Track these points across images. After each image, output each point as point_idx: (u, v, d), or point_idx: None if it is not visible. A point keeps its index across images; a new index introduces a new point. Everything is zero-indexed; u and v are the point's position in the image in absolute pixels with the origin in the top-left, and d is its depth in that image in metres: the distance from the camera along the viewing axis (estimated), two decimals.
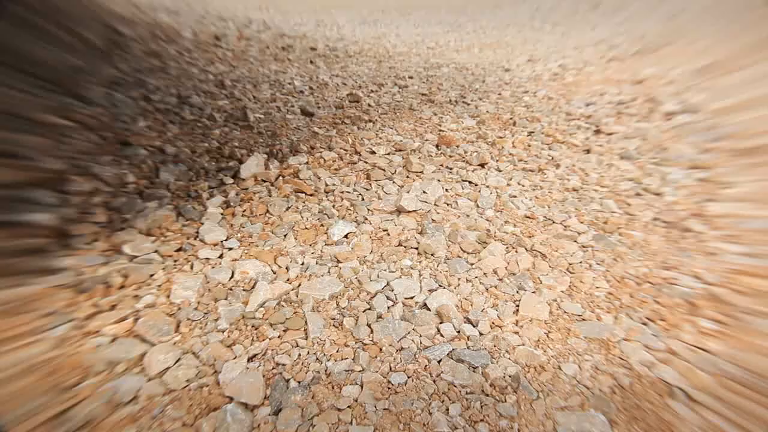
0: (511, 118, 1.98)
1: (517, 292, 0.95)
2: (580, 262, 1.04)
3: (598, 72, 2.71)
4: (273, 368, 0.75)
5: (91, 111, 1.46)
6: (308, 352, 0.78)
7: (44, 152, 1.10)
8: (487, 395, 0.72)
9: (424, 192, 1.31)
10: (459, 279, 0.98)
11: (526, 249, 1.08)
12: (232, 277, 0.94)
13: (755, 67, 1.85)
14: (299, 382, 0.72)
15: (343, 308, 0.88)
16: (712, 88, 1.91)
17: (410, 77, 2.74)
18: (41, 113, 1.12)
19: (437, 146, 1.66)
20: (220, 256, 0.99)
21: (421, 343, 0.81)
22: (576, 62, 3.05)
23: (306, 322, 0.84)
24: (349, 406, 0.68)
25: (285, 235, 1.08)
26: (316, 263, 1.00)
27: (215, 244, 1.03)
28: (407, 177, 1.42)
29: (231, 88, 2.14)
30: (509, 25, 5.25)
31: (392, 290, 0.93)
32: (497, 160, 1.56)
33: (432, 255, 1.05)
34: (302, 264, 1.00)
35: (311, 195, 1.27)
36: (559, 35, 4.28)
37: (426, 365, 0.77)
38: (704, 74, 2.10)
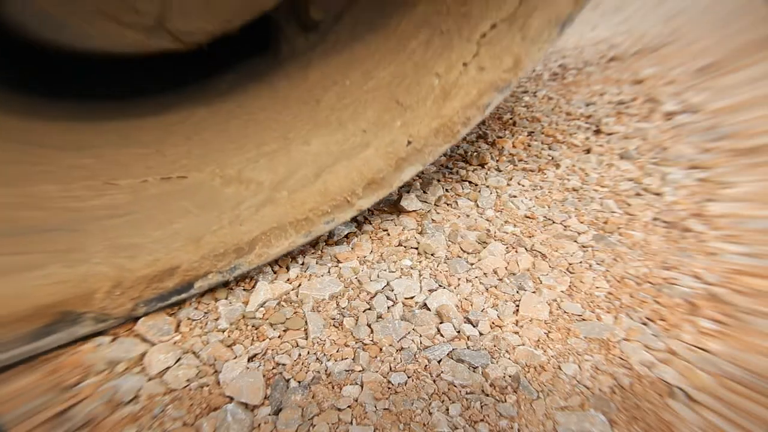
0: (511, 118, 1.99)
1: (517, 292, 0.95)
2: (580, 262, 1.04)
3: (598, 72, 2.72)
4: (273, 368, 0.75)
5: None
6: (308, 352, 0.78)
7: None
8: (487, 395, 0.72)
9: (424, 192, 1.32)
10: (459, 279, 0.98)
11: (526, 249, 1.08)
12: None
13: (755, 67, 1.86)
14: (299, 382, 0.72)
15: (343, 308, 0.88)
16: (712, 88, 1.91)
17: None
18: None
19: None
20: None
21: (421, 343, 0.82)
22: (576, 62, 3.05)
23: (306, 322, 0.84)
24: (349, 406, 0.69)
25: None
26: (316, 263, 1.00)
27: None
28: None
29: None
30: None
31: (392, 290, 0.93)
32: (497, 160, 1.56)
33: (432, 255, 1.05)
34: (302, 264, 1.00)
35: None
36: None
37: (426, 365, 0.77)
38: (704, 74, 2.10)
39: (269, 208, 0.89)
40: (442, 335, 0.84)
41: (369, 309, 0.88)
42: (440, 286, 0.95)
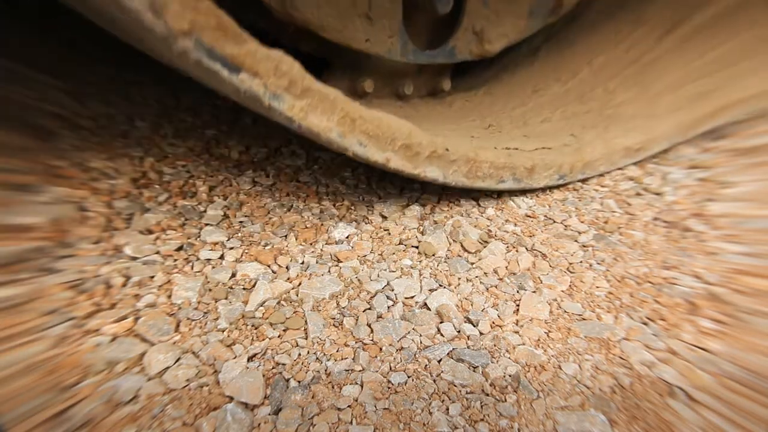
0: None
1: (518, 291, 0.95)
2: (581, 262, 1.04)
3: None
4: (273, 368, 0.75)
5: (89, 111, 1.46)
6: (308, 352, 0.78)
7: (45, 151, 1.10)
8: (488, 395, 0.72)
9: (424, 191, 1.31)
10: (459, 278, 0.98)
11: (526, 248, 1.08)
12: (232, 276, 0.94)
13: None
14: (299, 382, 0.72)
15: (343, 308, 0.88)
16: None
17: None
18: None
19: None
20: (221, 257, 0.99)
21: (421, 342, 0.81)
22: None
23: (306, 321, 0.84)
24: (349, 406, 0.68)
25: (285, 236, 1.08)
26: (316, 262, 1.00)
27: (215, 244, 1.03)
28: None
29: None
30: None
31: (392, 290, 0.93)
32: None
33: (432, 254, 1.05)
34: (302, 263, 1.00)
35: (311, 195, 1.27)
36: None
37: (426, 365, 0.77)
38: None
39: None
40: (442, 335, 0.83)
41: (369, 309, 0.88)
42: (440, 285, 0.95)
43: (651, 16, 1.63)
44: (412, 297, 0.92)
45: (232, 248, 1.02)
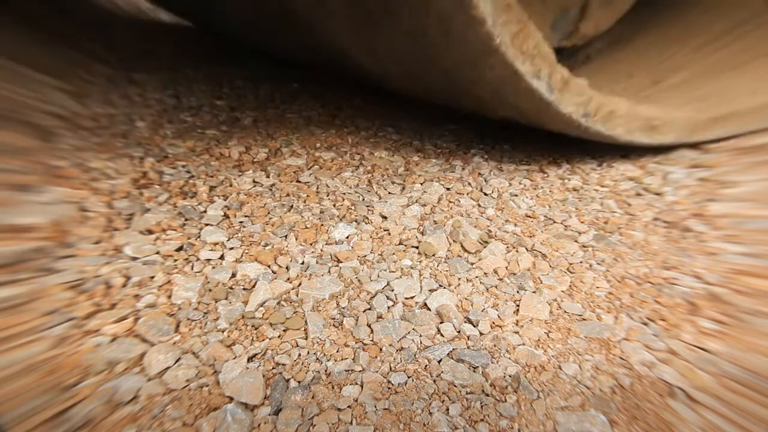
0: None
1: (518, 291, 0.95)
2: (581, 262, 1.04)
3: None
4: (273, 368, 0.75)
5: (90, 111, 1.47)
6: (308, 352, 0.78)
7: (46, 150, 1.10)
8: (488, 395, 0.72)
9: (425, 192, 1.31)
10: (459, 279, 0.98)
11: (526, 249, 1.08)
12: (232, 276, 0.94)
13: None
14: (299, 382, 0.72)
15: (344, 308, 0.88)
16: None
17: None
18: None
19: None
20: (221, 257, 0.99)
21: (421, 343, 0.81)
22: None
23: (306, 321, 0.84)
24: (349, 406, 0.68)
25: (285, 236, 1.08)
26: (317, 262, 1.00)
27: (216, 244, 1.03)
28: (409, 176, 1.41)
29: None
30: None
31: (392, 290, 0.93)
32: (499, 159, 1.56)
33: (433, 255, 1.05)
34: (302, 263, 1.00)
35: (311, 195, 1.27)
36: None
37: (426, 365, 0.77)
38: None
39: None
40: (442, 335, 0.83)
41: (369, 309, 0.88)
42: (440, 285, 0.95)
43: (637, 73, 1.96)
44: (412, 297, 0.92)
45: (232, 248, 1.02)
